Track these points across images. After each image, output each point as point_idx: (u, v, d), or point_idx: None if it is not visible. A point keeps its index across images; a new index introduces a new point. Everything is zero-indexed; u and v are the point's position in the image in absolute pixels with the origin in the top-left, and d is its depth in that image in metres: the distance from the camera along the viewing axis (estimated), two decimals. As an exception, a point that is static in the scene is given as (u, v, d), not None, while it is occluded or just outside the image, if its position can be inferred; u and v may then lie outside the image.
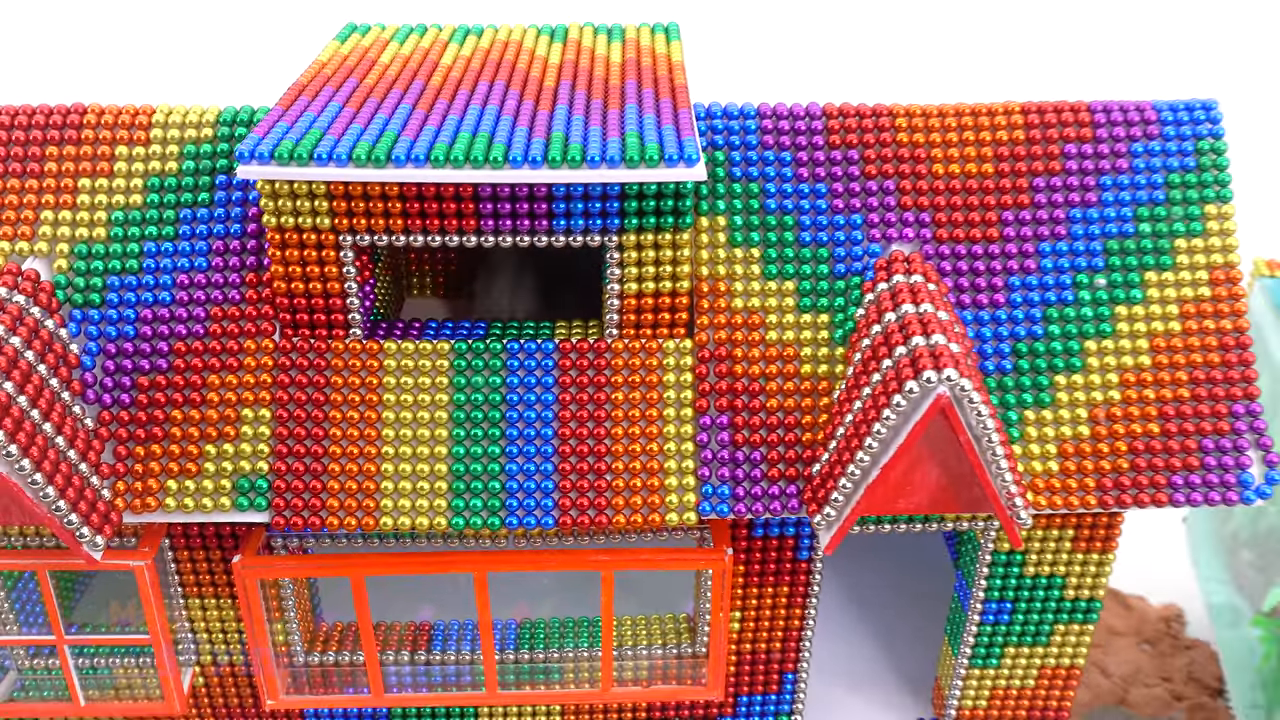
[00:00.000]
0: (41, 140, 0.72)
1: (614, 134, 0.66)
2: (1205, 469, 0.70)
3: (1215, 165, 0.73)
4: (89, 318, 0.70)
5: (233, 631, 0.79)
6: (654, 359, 0.71)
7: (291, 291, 0.69)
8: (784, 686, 0.84)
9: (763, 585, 0.78)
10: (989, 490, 0.65)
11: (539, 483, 0.69)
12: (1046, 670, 0.83)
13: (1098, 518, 0.76)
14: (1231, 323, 0.72)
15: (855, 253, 0.72)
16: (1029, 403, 0.71)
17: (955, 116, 0.74)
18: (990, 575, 0.79)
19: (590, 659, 0.80)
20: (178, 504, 0.68)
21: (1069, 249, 0.72)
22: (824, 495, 0.66)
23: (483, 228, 0.68)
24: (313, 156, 0.63)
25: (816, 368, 0.71)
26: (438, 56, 0.79)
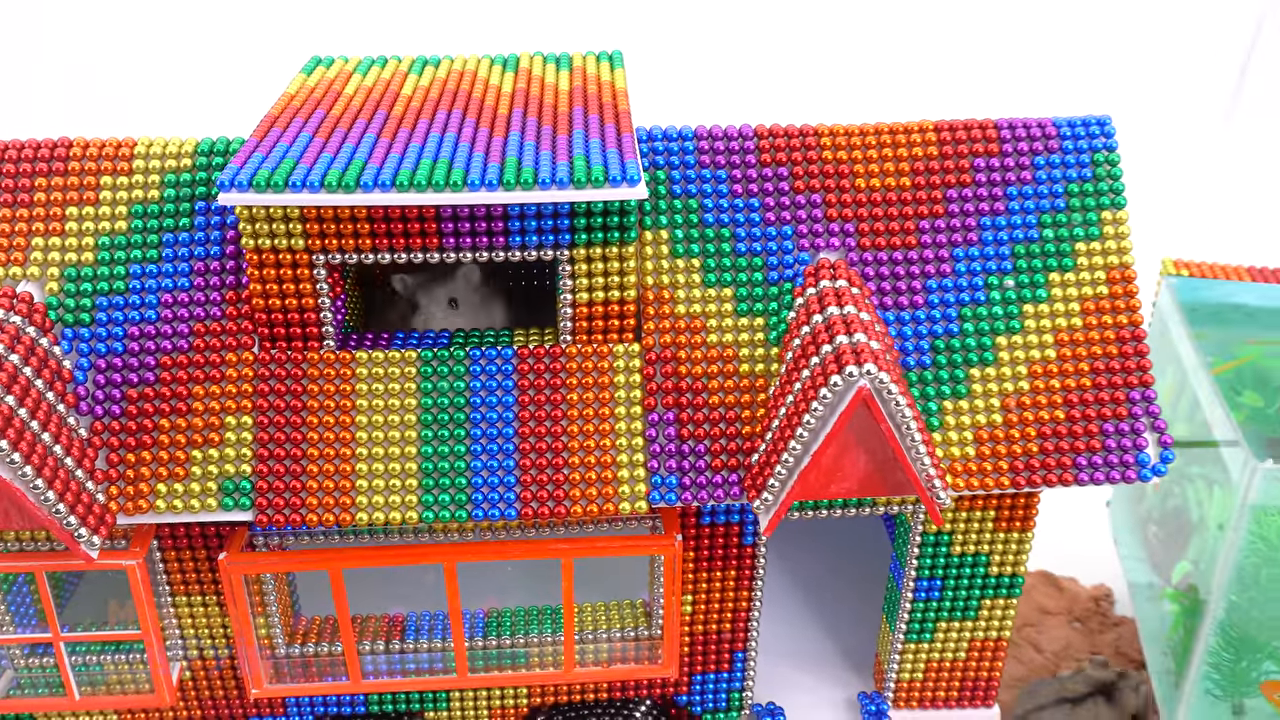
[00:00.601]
0: (31, 172, 0.78)
1: (563, 158, 0.72)
2: (1106, 450, 0.77)
3: (1110, 175, 0.81)
4: (80, 336, 0.76)
5: (218, 627, 0.84)
6: (605, 362, 0.77)
7: (269, 307, 0.75)
8: (735, 665, 0.90)
9: (711, 570, 0.85)
10: (910, 474, 0.71)
11: (501, 477, 0.75)
12: (976, 643, 0.90)
13: (1015, 499, 0.83)
14: (1127, 318, 0.79)
15: (786, 261, 0.79)
16: (947, 394, 0.78)
17: (875, 135, 0.81)
18: (920, 555, 0.85)
19: (554, 643, 0.86)
20: (167, 505, 0.73)
21: (980, 254, 0.80)
22: (761, 481, 0.73)
23: (445, 245, 0.74)
24: (287, 184, 0.69)
25: (754, 367, 0.77)
26: (398, 87, 0.85)
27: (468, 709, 0.90)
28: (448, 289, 0.79)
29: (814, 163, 0.80)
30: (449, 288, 0.79)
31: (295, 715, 0.89)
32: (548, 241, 0.74)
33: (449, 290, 0.79)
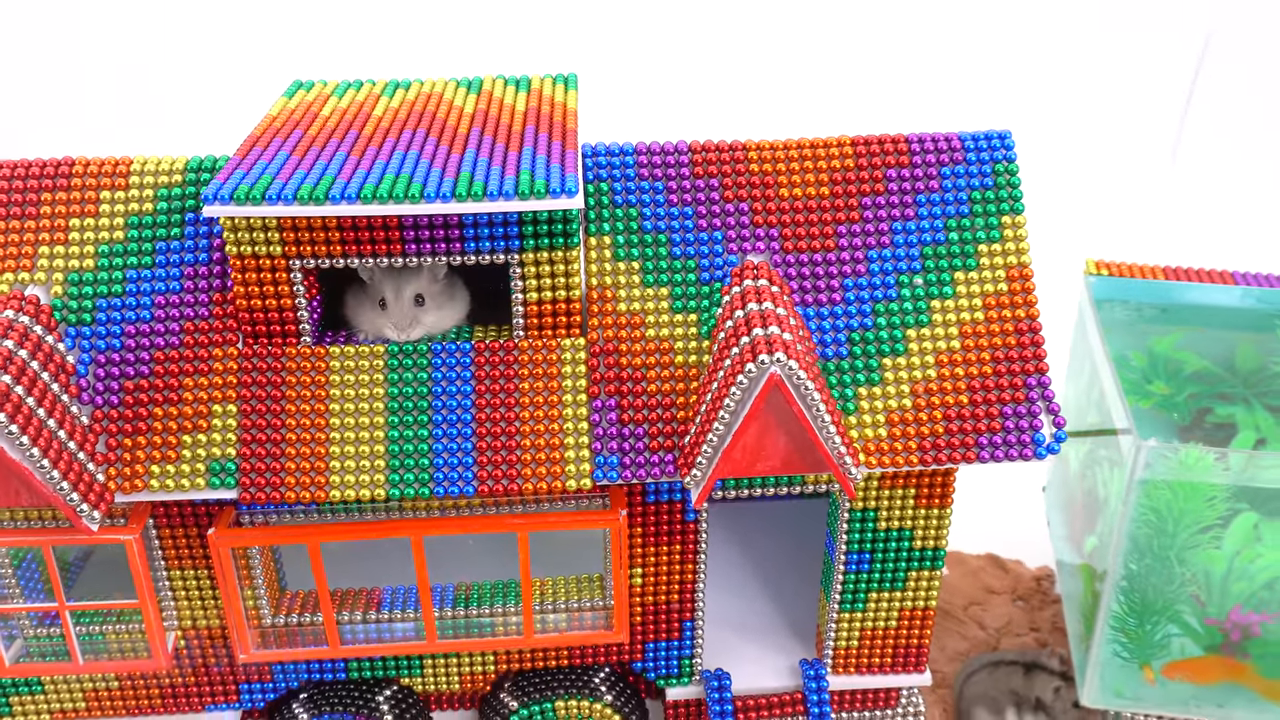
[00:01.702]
0: (36, 188, 0.87)
1: (510, 172, 0.81)
2: (1005, 431, 0.86)
3: (1009, 184, 0.89)
4: (82, 334, 0.84)
5: (209, 598, 0.92)
6: (553, 355, 0.86)
7: (251, 308, 0.84)
8: (684, 633, 0.98)
9: (658, 544, 0.93)
10: (823, 451, 0.80)
11: (460, 458, 0.83)
12: (905, 611, 0.98)
13: (933, 478, 0.91)
14: (1025, 311, 0.87)
15: (717, 263, 0.87)
16: (862, 381, 0.86)
17: (797, 149, 0.89)
18: (849, 530, 0.94)
19: (516, 613, 0.94)
20: (160, 484, 0.82)
21: (892, 255, 0.88)
22: (691, 459, 0.81)
23: (407, 250, 0.82)
24: (264, 197, 0.77)
25: (687, 358, 0.86)
26: (370, 108, 0.94)
27: (439, 675, 0.99)
28: (414, 285, 0.86)
29: (741, 174, 0.89)
30: (415, 284, 0.86)
31: (281, 680, 0.98)
32: (499, 246, 0.83)
33: (415, 287, 0.86)
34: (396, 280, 0.85)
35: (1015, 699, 1.05)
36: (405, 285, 0.86)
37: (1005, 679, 1.03)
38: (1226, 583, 0.92)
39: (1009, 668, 1.02)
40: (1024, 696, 1.03)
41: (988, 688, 1.07)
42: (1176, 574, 0.92)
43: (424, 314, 0.87)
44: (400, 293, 0.85)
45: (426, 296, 0.87)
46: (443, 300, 0.88)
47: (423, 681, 0.99)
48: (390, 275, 0.86)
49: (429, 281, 0.87)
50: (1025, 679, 1.01)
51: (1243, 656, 0.94)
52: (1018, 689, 1.04)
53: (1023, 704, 1.03)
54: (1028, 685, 1.02)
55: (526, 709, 0.98)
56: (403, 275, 0.86)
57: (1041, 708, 1.02)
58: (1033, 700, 1.02)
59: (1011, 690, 1.05)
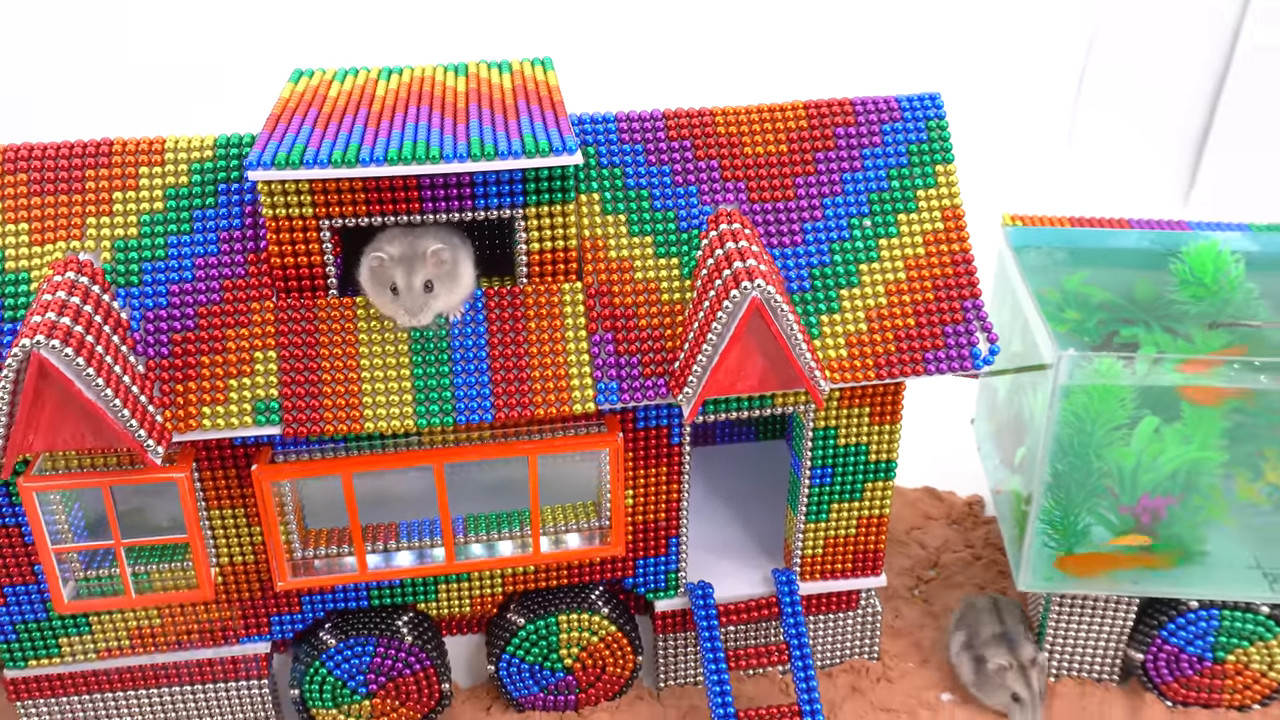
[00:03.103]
0: (82, 166, 0.96)
1: (515, 135, 0.93)
2: (947, 348, 0.99)
3: (940, 138, 1.03)
4: (131, 294, 0.94)
5: (245, 536, 1.02)
6: (555, 297, 0.97)
7: (285, 264, 0.94)
8: (670, 549, 1.10)
9: (647, 467, 1.05)
10: (796, 366, 0.93)
11: (479, 390, 0.94)
12: (862, 520, 1.11)
13: (884, 395, 1.04)
14: (958, 245, 1.02)
15: (693, 213, 1.00)
16: (823, 310, 0.99)
17: (758, 113, 1.02)
18: (813, 448, 1.07)
19: (523, 536, 1.06)
20: (212, 423, 0.92)
21: (843, 202, 1.02)
22: (682, 380, 0.94)
23: (424, 208, 0.93)
24: (302, 162, 0.88)
25: (672, 296, 0.98)
26: (372, 90, 1.04)
27: (452, 599, 1.09)
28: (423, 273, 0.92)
29: (710, 136, 1.02)
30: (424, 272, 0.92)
31: (309, 611, 1.07)
32: (505, 203, 0.94)
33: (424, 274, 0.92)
34: (408, 269, 0.91)
35: (970, 635, 1.15)
36: (415, 273, 0.91)
37: (980, 617, 1.15)
38: (1136, 475, 1.07)
39: (991, 623, 1.13)
40: (976, 644, 1.14)
41: (970, 613, 1.18)
42: (1095, 469, 1.06)
43: (433, 299, 0.93)
44: (411, 280, 0.92)
45: (435, 282, 0.92)
46: (450, 284, 0.94)
47: (437, 606, 1.10)
48: (402, 264, 0.92)
49: (435, 265, 0.92)
50: (990, 639, 1.12)
51: (1152, 535, 1.09)
52: (979, 634, 1.14)
53: (972, 648, 1.14)
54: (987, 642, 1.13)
55: (532, 624, 1.09)
56: (413, 264, 0.91)
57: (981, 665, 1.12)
58: (978, 656, 1.13)
59: (975, 629, 1.15)
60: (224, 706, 1.10)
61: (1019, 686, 1.09)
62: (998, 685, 1.10)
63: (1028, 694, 1.08)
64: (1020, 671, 1.09)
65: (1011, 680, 1.09)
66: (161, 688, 1.09)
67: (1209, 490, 1.08)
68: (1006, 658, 1.09)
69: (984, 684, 1.11)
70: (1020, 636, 1.11)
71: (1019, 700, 1.09)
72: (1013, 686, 1.09)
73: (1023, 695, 1.09)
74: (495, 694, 1.16)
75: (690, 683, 1.17)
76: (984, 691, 1.12)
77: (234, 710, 1.11)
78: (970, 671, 1.13)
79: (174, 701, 1.09)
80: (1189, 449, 1.07)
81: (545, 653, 1.10)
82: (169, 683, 1.08)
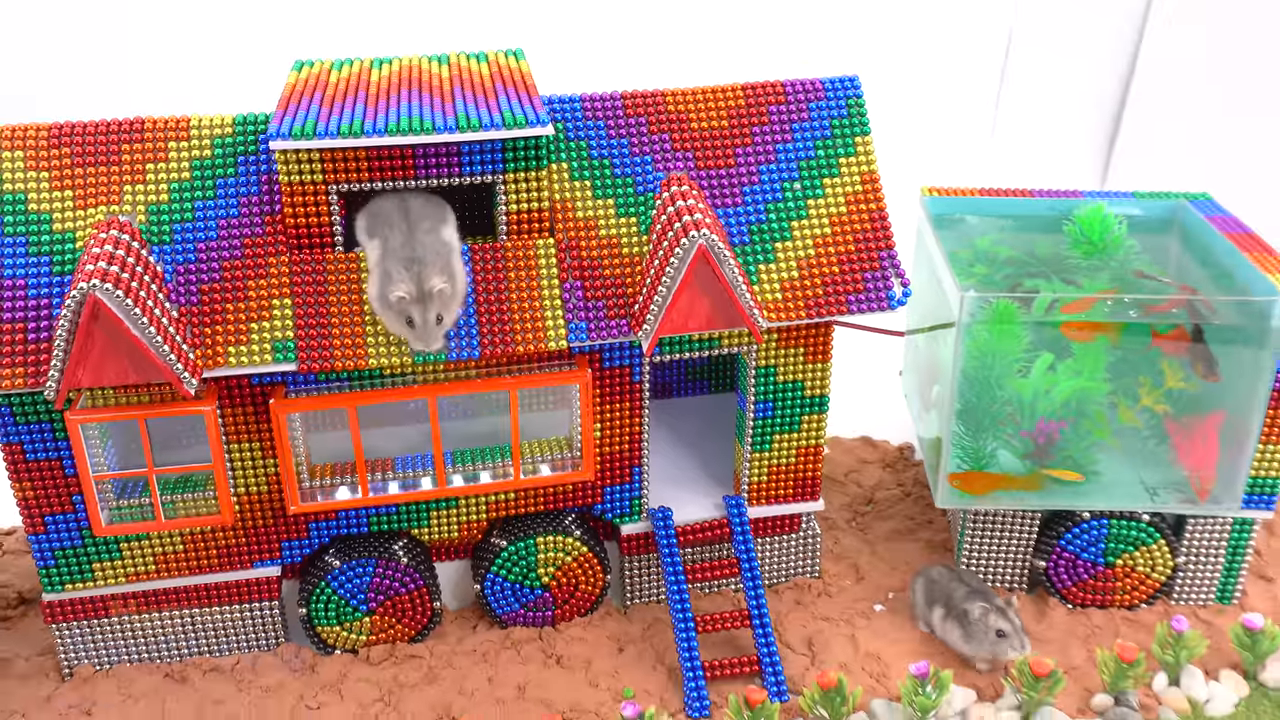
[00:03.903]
0: (116, 141, 1.10)
1: (495, 111, 1.08)
2: (867, 291, 1.16)
3: (858, 113, 1.20)
4: (164, 251, 1.08)
5: (260, 468, 1.16)
6: (531, 252, 1.13)
7: (298, 224, 1.09)
8: (634, 477, 1.26)
9: (612, 403, 1.20)
10: (738, 306, 1.09)
11: (467, 330, 1.10)
12: (800, 449, 1.27)
13: (816, 336, 1.21)
14: (874, 205, 1.18)
15: (648, 178, 1.16)
16: (760, 260, 1.16)
17: (702, 93, 1.19)
18: (756, 384, 1.23)
19: (504, 466, 1.21)
20: (237, 361, 1.06)
21: (776, 169, 1.18)
22: (641, 319, 1.09)
23: (418, 175, 1.09)
24: (315, 133, 1.03)
25: (632, 249, 1.14)
26: (368, 77, 1.19)
27: (442, 524, 1.24)
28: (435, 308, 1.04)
29: (662, 113, 1.18)
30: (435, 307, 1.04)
31: (315, 536, 1.21)
32: (487, 169, 1.10)
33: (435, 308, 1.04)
34: (423, 307, 1.03)
35: (946, 603, 1.29)
36: (430, 309, 1.04)
37: (949, 586, 1.27)
38: (1034, 404, 1.25)
39: (960, 585, 1.24)
40: (954, 605, 1.27)
41: (938, 583, 1.31)
42: (998, 398, 1.23)
43: (441, 328, 1.06)
44: (426, 316, 1.04)
45: (445, 314, 1.05)
46: (452, 304, 1.06)
47: (429, 532, 1.24)
48: (417, 303, 1.03)
49: (440, 301, 1.04)
50: (964, 596, 1.23)
51: (1048, 459, 1.26)
52: (954, 597, 1.27)
53: (951, 610, 1.28)
54: (963, 599, 1.26)
55: (513, 546, 1.24)
56: (428, 301, 1.03)
57: (964, 618, 1.25)
58: (960, 612, 1.26)
59: (948, 595, 1.28)
60: (238, 626, 1.24)
61: (1002, 623, 1.18)
62: (983, 630, 1.18)
63: (1011, 626, 1.18)
64: (1000, 611, 1.19)
65: (995, 620, 1.18)
66: (182, 610, 1.22)
67: (1096, 416, 1.26)
68: (985, 603, 1.19)
69: (971, 636, 1.19)
70: (989, 590, 1.22)
71: (1004, 635, 1.18)
72: (996, 624, 1.18)
73: (1006, 629, 1.18)
74: (481, 614, 1.30)
75: (654, 600, 1.32)
76: (973, 643, 1.19)
77: (247, 630, 1.25)
78: (958, 632, 1.21)
79: (193, 622, 1.23)
80: (1078, 381, 1.24)
81: (525, 572, 1.25)
82: (189, 605, 1.22)
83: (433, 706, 1.18)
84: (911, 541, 1.43)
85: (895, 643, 1.27)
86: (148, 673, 1.22)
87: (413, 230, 1.05)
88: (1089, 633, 1.28)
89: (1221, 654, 1.24)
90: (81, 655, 1.22)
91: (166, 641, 1.23)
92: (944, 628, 1.23)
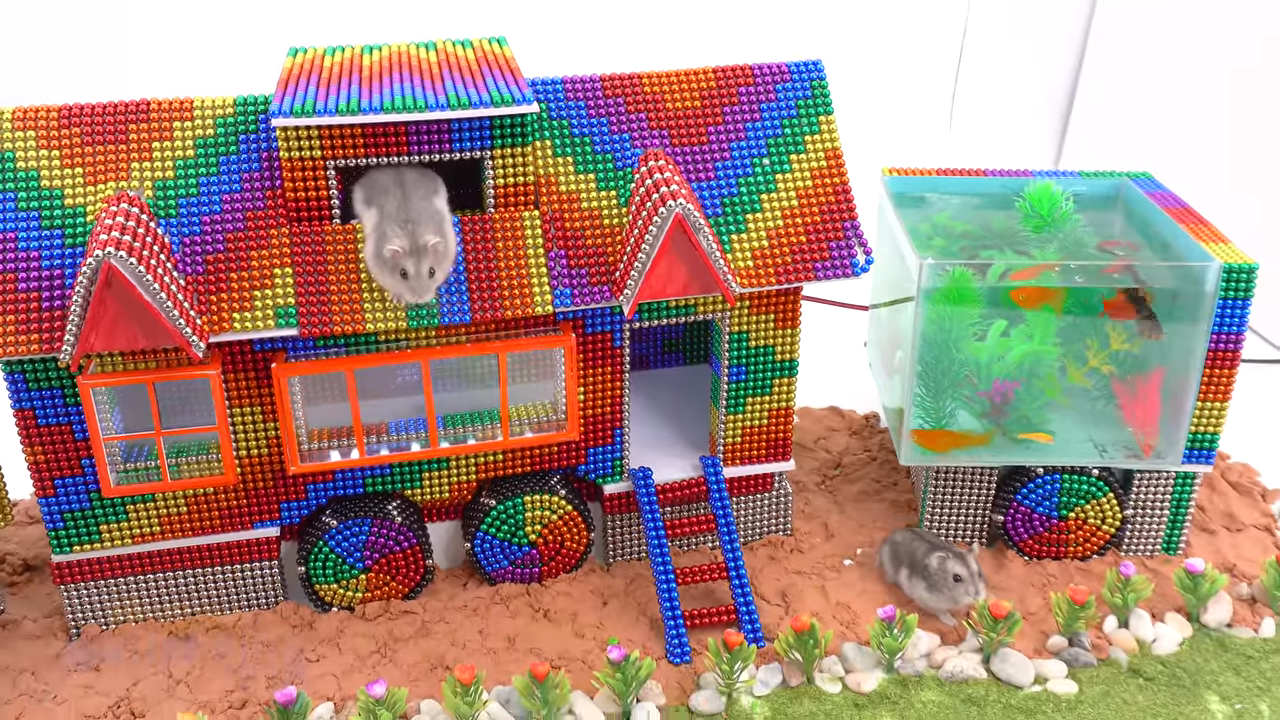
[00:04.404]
0: (124, 121, 1.16)
1: (483, 91, 1.15)
2: (831, 258, 1.24)
3: (822, 94, 1.29)
4: (170, 224, 1.14)
5: (261, 431, 1.22)
6: (518, 223, 1.20)
7: (298, 197, 1.15)
8: (615, 439, 1.33)
9: (594, 367, 1.28)
10: (713, 271, 1.16)
11: (458, 296, 1.17)
12: (772, 411, 1.35)
13: (785, 302, 1.28)
14: (838, 179, 1.26)
15: (627, 154, 1.24)
16: (733, 230, 1.23)
17: (676, 76, 1.27)
18: (730, 350, 1.30)
19: (493, 428, 1.28)
20: (241, 326, 1.12)
21: (746, 146, 1.26)
22: (622, 285, 1.17)
23: (411, 150, 1.16)
24: (315, 111, 1.10)
25: (612, 220, 1.22)
26: (359, 61, 1.26)
27: (434, 485, 1.31)
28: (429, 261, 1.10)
29: (639, 95, 1.25)
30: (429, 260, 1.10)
31: (313, 497, 1.28)
32: (476, 145, 1.17)
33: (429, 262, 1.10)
34: (417, 259, 1.10)
35: (911, 561, 1.36)
36: (423, 262, 1.10)
37: (911, 546, 1.33)
38: (989, 366, 1.33)
39: (921, 543, 1.31)
40: (917, 562, 1.34)
41: (902, 545, 1.37)
42: (956, 360, 1.32)
43: (434, 281, 1.12)
44: (420, 269, 1.10)
45: (437, 269, 1.12)
46: (444, 262, 1.12)
47: (421, 493, 1.31)
48: (411, 255, 1.10)
49: (434, 255, 1.10)
50: (924, 552, 1.30)
51: (1003, 417, 1.35)
52: (916, 555, 1.34)
53: (915, 567, 1.35)
54: (924, 555, 1.33)
55: (501, 505, 1.31)
56: (421, 255, 1.10)
57: (926, 571, 1.32)
58: (921, 566, 1.33)
59: (911, 554, 1.36)
60: (239, 586, 1.30)
61: (959, 568, 1.24)
62: (942, 578, 1.24)
63: (967, 571, 1.24)
64: (959, 557, 1.25)
65: (952, 565, 1.24)
66: (185, 570, 1.28)
67: (1048, 377, 1.34)
68: (938, 554, 1.26)
69: (934, 585, 1.25)
70: (948, 544, 1.29)
71: (960, 579, 1.24)
72: (953, 569, 1.24)
73: (963, 573, 1.24)
74: (471, 573, 1.37)
75: (634, 558, 1.39)
76: (936, 592, 1.26)
77: (247, 589, 1.31)
78: (922, 585, 1.27)
79: (196, 581, 1.29)
80: (1030, 344, 1.33)
81: (513, 530, 1.32)
82: (192, 565, 1.28)
83: (427, 657, 1.25)
84: (877, 502, 1.51)
85: (863, 594, 1.34)
86: (153, 630, 1.28)
87: (408, 197, 1.12)
88: (1045, 581, 1.36)
89: (1167, 599, 1.33)
90: (89, 615, 1.27)
91: (170, 601, 1.29)
92: (911, 585, 1.31)
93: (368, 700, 1.11)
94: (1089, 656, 1.24)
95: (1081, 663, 1.23)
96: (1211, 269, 1.24)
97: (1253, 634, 1.28)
